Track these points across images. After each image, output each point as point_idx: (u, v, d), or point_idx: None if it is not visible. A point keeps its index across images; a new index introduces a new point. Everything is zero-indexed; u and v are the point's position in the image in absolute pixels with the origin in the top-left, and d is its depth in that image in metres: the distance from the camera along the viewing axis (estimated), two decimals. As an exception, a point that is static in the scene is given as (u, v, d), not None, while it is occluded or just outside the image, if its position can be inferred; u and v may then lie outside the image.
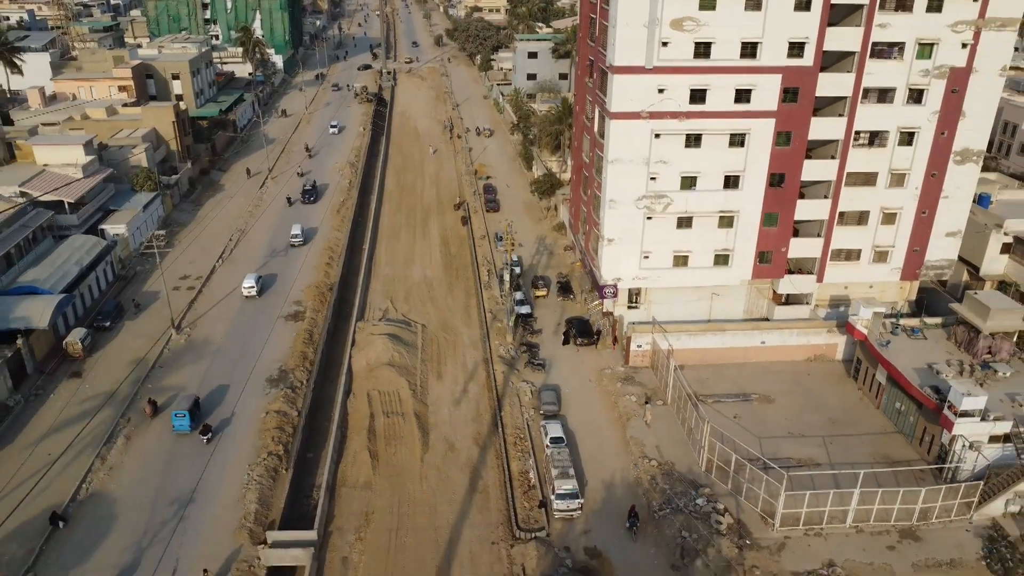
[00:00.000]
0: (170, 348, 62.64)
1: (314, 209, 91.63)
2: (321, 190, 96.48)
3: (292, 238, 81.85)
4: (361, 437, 52.49)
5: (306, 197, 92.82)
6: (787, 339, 60.57)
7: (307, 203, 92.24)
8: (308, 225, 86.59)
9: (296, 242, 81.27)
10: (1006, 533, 45.40)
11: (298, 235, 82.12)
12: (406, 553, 43.75)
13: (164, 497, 46.75)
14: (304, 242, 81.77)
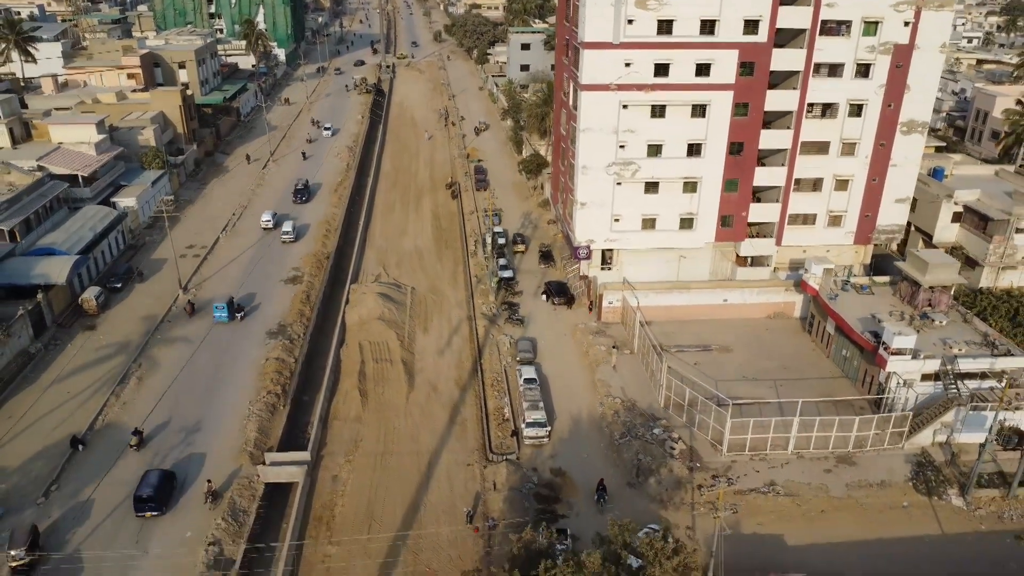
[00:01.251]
0: (177, 305, 67.72)
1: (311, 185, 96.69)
2: (314, 189, 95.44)
3: (283, 235, 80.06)
4: (352, 379, 57.53)
5: (298, 197, 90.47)
6: (748, 298, 65.48)
7: (299, 203, 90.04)
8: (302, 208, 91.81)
9: (287, 239, 79.70)
10: (933, 459, 50.17)
11: (289, 232, 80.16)
12: (390, 472, 48.75)
13: (173, 427, 51.70)
14: (296, 239, 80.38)
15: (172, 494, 45.15)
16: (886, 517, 46.44)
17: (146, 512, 43.37)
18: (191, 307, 65.95)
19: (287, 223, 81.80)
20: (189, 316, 65.25)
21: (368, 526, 44.52)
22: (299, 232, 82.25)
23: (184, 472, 47.61)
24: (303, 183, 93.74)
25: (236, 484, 46.70)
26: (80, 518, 43.72)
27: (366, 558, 42.30)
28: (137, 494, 43.69)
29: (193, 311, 65.55)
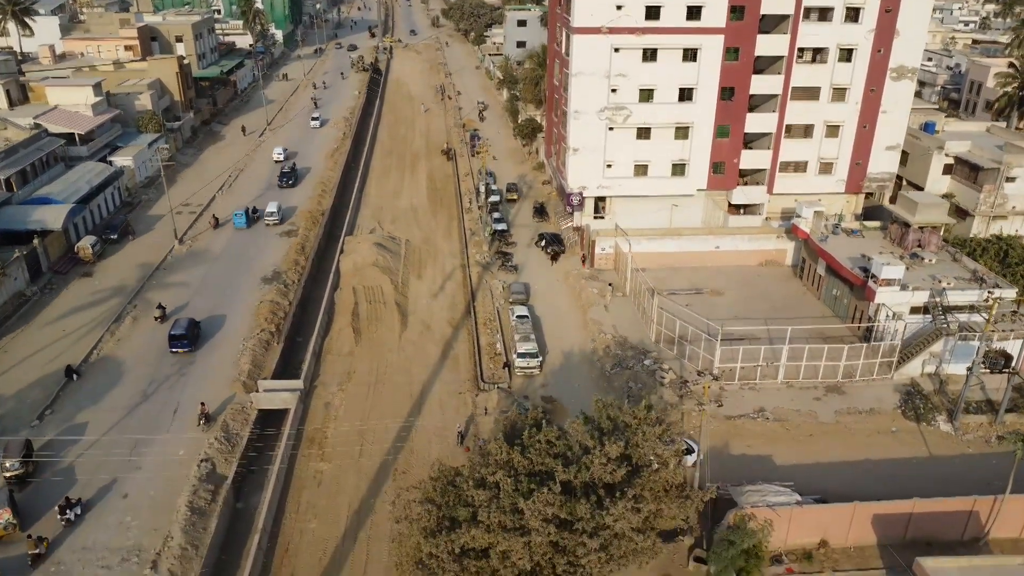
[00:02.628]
0: (173, 255, 68.14)
1: (306, 158, 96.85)
2: (302, 173, 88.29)
3: (267, 215, 74.23)
4: (346, 318, 57.93)
5: (283, 180, 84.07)
6: (739, 245, 65.83)
7: (284, 187, 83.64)
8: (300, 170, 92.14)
9: (271, 220, 73.88)
10: (922, 389, 50.59)
11: (273, 212, 74.29)
12: (382, 400, 49.16)
13: (167, 360, 52.14)
14: (280, 221, 74.46)
15: (199, 337, 54.01)
16: (874, 441, 46.77)
17: (179, 348, 52.13)
18: (215, 220, 74.24)
19: (271, 204, 75.49)
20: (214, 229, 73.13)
21: (360, 447, 44.90)
22: (284, 215, 75.82)
23: (177, 400, 48.08)
24: (290, 166, 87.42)
25: (229, 409, 47.10)
26: (73, 437, 44.10)
27: (357, 473, 42.72)
28: (172, 333, 52.58)
29: (217, 224, 72.46)
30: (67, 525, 37.79)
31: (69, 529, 37.67)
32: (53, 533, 37.24)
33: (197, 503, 39.39)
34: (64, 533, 37.35)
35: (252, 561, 35.77)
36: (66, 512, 37.85)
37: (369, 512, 40.00)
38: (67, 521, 37.83)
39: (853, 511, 37.58)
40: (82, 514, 38.44)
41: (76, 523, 37.95)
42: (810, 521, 37.46)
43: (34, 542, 35.83)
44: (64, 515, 37.78)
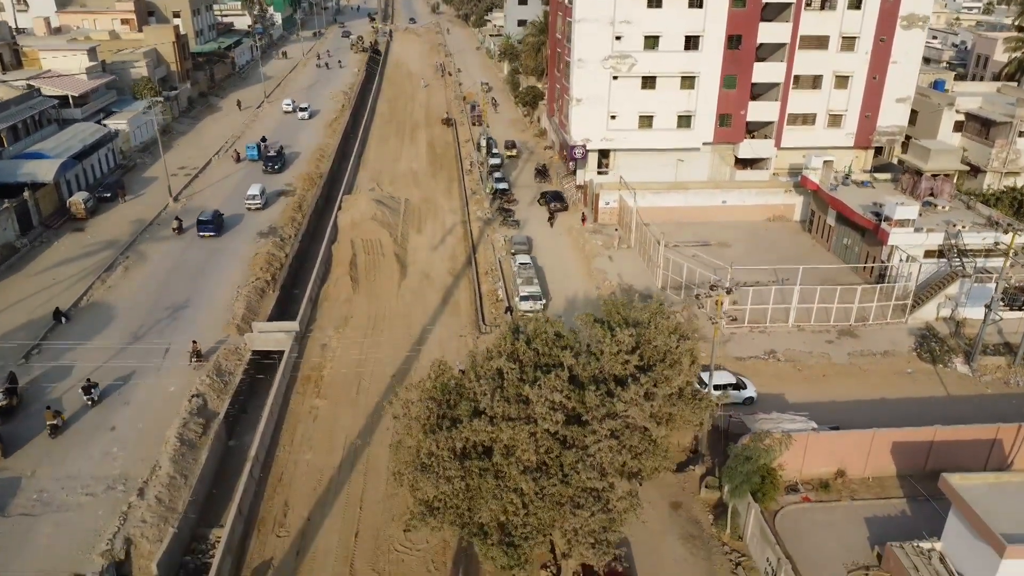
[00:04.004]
0: (167, 212, 66.64)
1: (306, 125, 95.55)
2: (290, 159, 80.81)
3: (248, 199, 66.59)
4: (343, 267, 56.47)
5: (269, 164, 76.53)
6: (747, 199, 64.29)
7: (270, 171, 76.17)
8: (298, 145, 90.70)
9: (253, 205, 66.46)
10: (937, 332, 49.01)
11: (256, 196, 66.80)
12: (381, 342, 47.61)
13: (159, 305, 50.64)
14: (264, 206, 67.14)
15: (223, 224, 61.84)
16: (890, 381, 45.16)
17: (206, 233, 60.09)
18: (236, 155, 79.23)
19: (254, 187, 68.08)
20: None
21: (357, 384, 43.35)
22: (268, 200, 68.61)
23: (168, 341, 46.54)
24: (276, 149, 79.48)
25: (222, 350, 45.52)
26: (60, 377, 42.58)
27: (354, 409, 41.19)
28: (200, 219, 60.98)
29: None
30: (91, 404, 39.77)
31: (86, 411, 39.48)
32: (74, 411, 39.35)
33: (187, 435, 37.79)
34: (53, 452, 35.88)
35: (244, 489, 34.23)
36: (90, 392, 39.88)
37: (366, 445, 38.44)
38: (91, 400, 39.84)
39: (872, 438, 35.97)
40: (100, 399, 40.27)
41: (97, 404, 39.97)
42: (827, 449, 35.82)
43: (52, 413, 37.60)
44: (88, 394, 39.82)
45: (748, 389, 41.28)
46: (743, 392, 40.96)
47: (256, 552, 31.92)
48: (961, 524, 29.52)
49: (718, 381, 40.83)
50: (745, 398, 40.77)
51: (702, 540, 32.64)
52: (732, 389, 40.73)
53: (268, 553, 31.87)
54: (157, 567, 30.70)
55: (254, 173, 76.50)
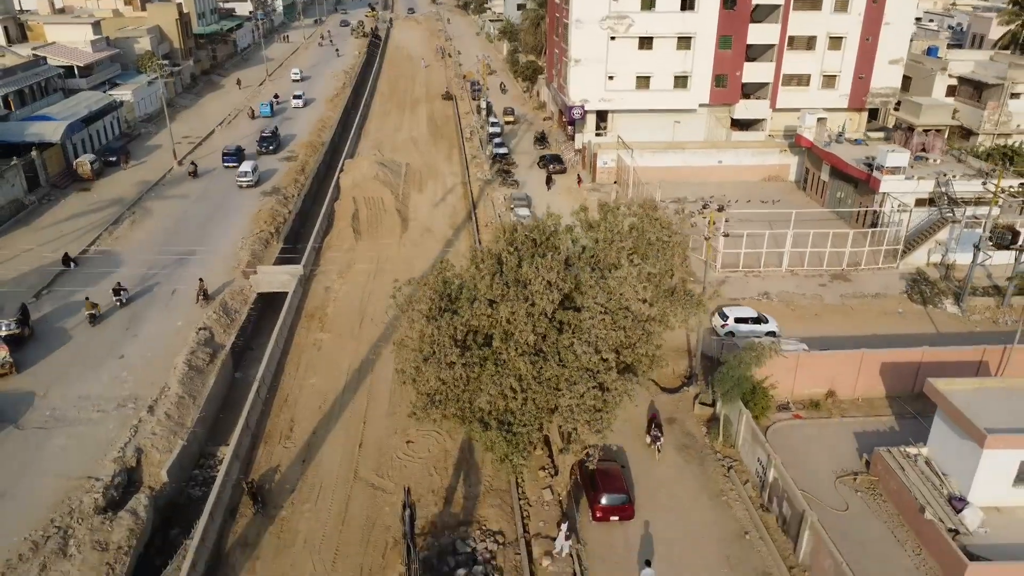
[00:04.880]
0: (172, 174, 67.73)
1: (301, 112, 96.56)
2: (285, 140, 78.44)
3: (239, 176, 64.53)
4: (346, 221, 57.50)
5: (263, 145, 73.99)
6: (743, 159, 65.32)
7: (265, 152, 73.74)
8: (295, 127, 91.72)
9: (244, 182, 64.16)
10: (928, 276, 50.00)
11: (247, 173, 64.52)
12: (383, 285, 48.34)
13: (165, 253, 51.60)
14: (256, 183, 64.90)
15: (244, 158, 69.28)
16: (881, 320, 46.07)
17: (231, 163, 68.04)
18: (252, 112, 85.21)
19: (246, 163, 65.87)
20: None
21: (360, 320, 44.39)
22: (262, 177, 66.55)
23: (175, 284, 47.58)
24: (271, 130, 77.37)
25: (228, 291, 46.58)
26: (70, 313, 43.61)
27: (357, 341, 42.20)
28: (224, 151, 70.28)
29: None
30: (120, 305, 44.21)
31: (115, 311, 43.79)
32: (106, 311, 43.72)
33: (195, 362, 38.81)
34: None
35: (251, 406, 35.25)
36: (119, 293, 44.30)
37: (369, 371, 39.49)
38: (120, 302, 44.22)
39: (861, 358, 36.99)
40: (127, 302, 44.76)
41: (125, 305, 44.46)
42: (817, 368, 36.83)
43: (91, 304, 42.57)
44: (117, 295, 44.24)
45: (770, 324, 42.09)
46: (765, 326, 41.77)
47: (263, 460, 32.94)
48: (945, 426, 30.54)
49: (740, 315, 41.91)
50: (767, 332, 41.56)
51: (696, 449, 33.63)
52: (754, 323, 41.70)
53: (275, 461, 32.88)
54: (167, 474, 31.78)
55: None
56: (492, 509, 29.82)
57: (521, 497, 30.26)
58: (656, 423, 33.31)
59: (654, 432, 32.58)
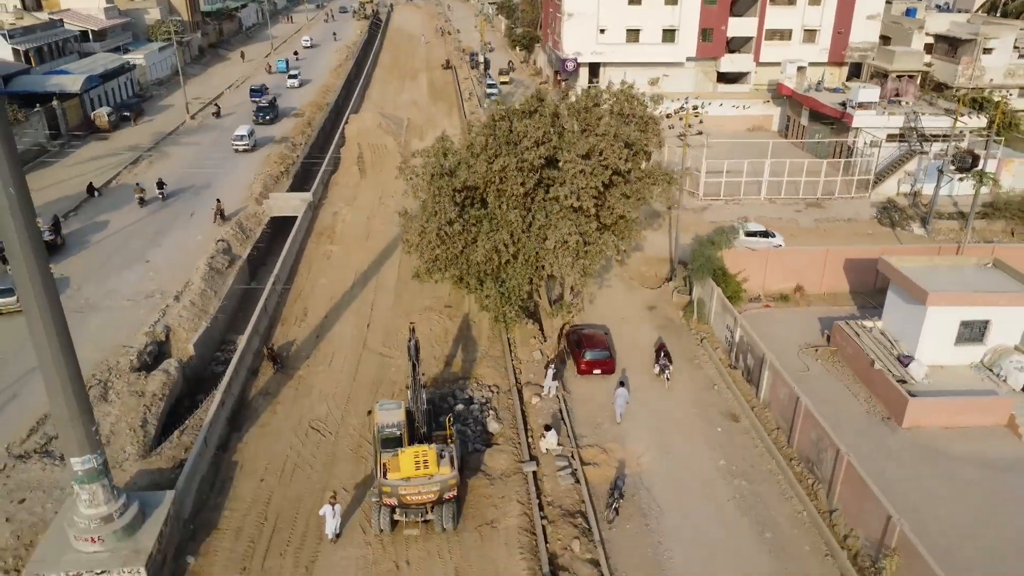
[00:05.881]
0: (185, 126, 71.15)
1: (310, 69, 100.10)
2: (284, 112, 76.92)
3: (235, 140, 63.72)
4: (351, 161, 60.84)
5: (260, 115, 72.39)
6: (728, 111, 68.69)
7: (261, 123, 72.02)
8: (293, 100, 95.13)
9: (240, 146, 63.42)
10: (898, 204, 53.38)
11: (243, 137, 63.67)
12: (388, 211, 51.83)
13: (183, 186, 54.94)
14: (252, 148, 63.99)
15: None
16: (852, 240, 49.13)
17: (257, 98, 75.85)
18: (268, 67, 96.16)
19: (242, 127, 65.37)
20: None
21: (367, 235, 47.75)
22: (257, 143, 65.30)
23: (193, 207, 51.00)
24: (268, 100, 75.80)
25: (242, 213, 49.97)
26: (96, 230, 46.98)
27: (365, 252, 45.53)
28: (252, 88, 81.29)
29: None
30: (162, 199, 51.82)
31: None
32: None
33: (215, 265, 42.17)
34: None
35: (267, 296, 38.61)
36: (162, 187, 51.93)
37: (375, 273, 42.83)
38: (162, 195, 51.89)
39: (826, 255, 40.40)
40: (167, 197, 52.22)
41: (167, 199, 51.96)
42: (786, 264, 40.18)
43: (139, 188, 51.17)
44: (161, 189, 51.84)
45: (776, 238, 45.04)
46: (772, 240, 44.75)
47: (280, 336, 36.30)
48: (896, 296, 33.93)
49: (751, 229, 45.11)
50: (775, 246, 44.50)
51: (674, 327, 37.00)
52: (762, 236, 44.82)
53: (291, 337, 36.23)
54: (193, 348, 35.11)
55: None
56: (488, 369, 33.17)
57: (514, 359, 33.61)
58: (664, 352, 32.70)
59: (662, 361, 32.17)
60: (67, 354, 20.60)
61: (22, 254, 18.83)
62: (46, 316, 19.88)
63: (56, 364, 20.36)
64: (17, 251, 18.79)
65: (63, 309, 20.64)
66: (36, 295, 19.47)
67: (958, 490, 26.29)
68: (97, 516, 21.57)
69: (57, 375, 20.41)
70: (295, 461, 27.61)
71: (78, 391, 21.02)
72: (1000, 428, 29.66)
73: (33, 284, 19.37)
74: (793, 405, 27.86)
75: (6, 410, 30.02)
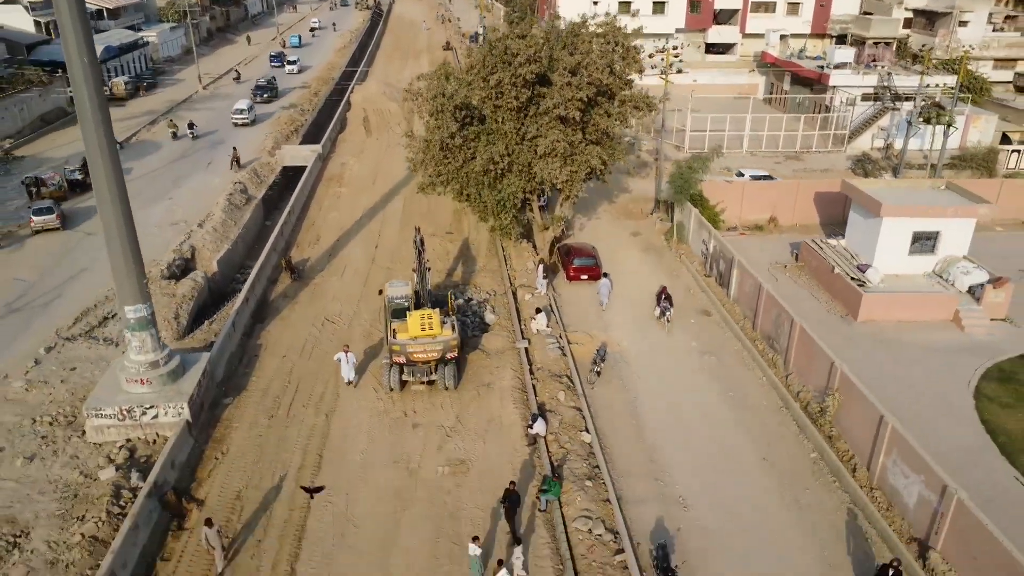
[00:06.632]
0: (198, 95, 74.64)
1: (315, 50, 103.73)
2: (283, 92, 76.89)
3: (234, 113, 64.19)
4: (357, 123, 64.34)
5: (258, 93, 72.41)
6: (716, 79, 72.16)
7: (260, 100, 71.83)
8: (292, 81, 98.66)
9: (240, 119, 63.72)
10: (872, 157, 56.80)
11: (243, 111, 64.20)
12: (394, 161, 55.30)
13: (199, 143, 58.39)
14: (252, 122, 64.29)
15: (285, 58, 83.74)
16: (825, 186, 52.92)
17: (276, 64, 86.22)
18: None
19: (242, 101, 66.15)
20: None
21: (373, 180, 51.17)
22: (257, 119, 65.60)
23: (210, 156, 54.46)
24: (267, 80, 76.05)
25: (257, 162, 53.39)
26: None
27: (372, 194, 48.93)
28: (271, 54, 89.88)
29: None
30: (193, 138, 58.66)
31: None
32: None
33: (234, 200, 45.59)
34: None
35: (283, 223, 42.02)
36: (192, 127, 58.98)
37: (382, 208, 46.22)
38: (193, 135, 58.62)
39: (797, 187, 43.81)
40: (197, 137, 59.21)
41: (197, 138, 58.84)
42: (760, 197, 43.55)
43: (172, 124, 59.31)
44: (191, 128, 58.94)
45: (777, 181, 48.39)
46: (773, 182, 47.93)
47: (296, 255, 39.62)
48: (857, 215, 37.26)
49: (754, 173, 48.40)
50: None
51: (656, 250, 40.39)
52: (764, 179, 48.05)
53: (306, 255, 39.61)
54: (216, 264, 38.48)
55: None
56: (486, 278, 36.58)
57: (509, 269, 37.01)
58: (666, 295, 32.55)
59: (663, 304, 32.19)
60: (125, 217, 24.05)
61: (92, 119, 22.26)
62: (111, 181, 23.34)
63: (117, 225, 23.83)
64: (88, 116, 22.25)
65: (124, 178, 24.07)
66: (103, 159, 22.95)
67: (903, 367, 29.58)
68: (145, 362, 24.93)
69: (117, 234, 23.85)
70: (313, 343, 30.98)
71: (133, 250, 24.47)
72: (946, 322, 33.01)
73: (100, 150, 22.82)
74: (757, 294, 31.22)
75: (52, 305, 33.46)
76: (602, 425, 25.86)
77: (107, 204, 23.66)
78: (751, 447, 24.94)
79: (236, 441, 25.01)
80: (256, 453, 24.42)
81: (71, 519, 21.42)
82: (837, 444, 24.49)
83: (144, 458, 23.98)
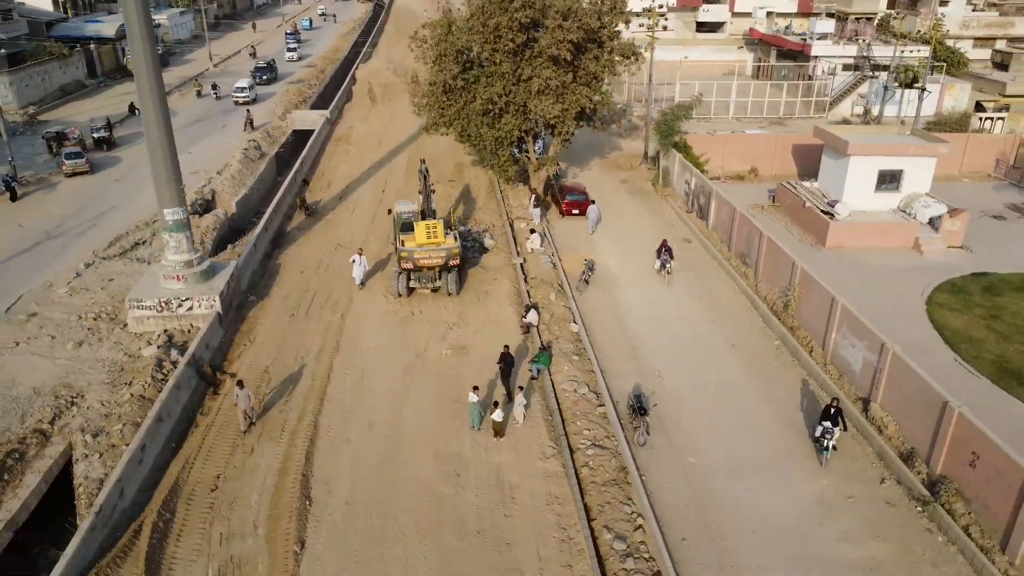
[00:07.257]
0: (209, 72, 77.76)
1: (319, 33, 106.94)
2: (283, 76, 77.17)
3: (235, 91, 64.53)
4: (363, 94, 67.41)
5: (258, 75, 72.61)
6: (706, 55, 75.30)
7: (260, 82, 71.42)
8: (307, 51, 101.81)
9: (241, 98, 63.92)
10: (851, 122, 59.82)
11: (244, 88, 64.60)
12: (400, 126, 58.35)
13: (212, 111, 61.55)
14: (254, 101, 64.69)
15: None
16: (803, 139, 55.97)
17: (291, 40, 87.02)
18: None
19: (242, 80, 66.91)
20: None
21: (379, 140, 54.25)
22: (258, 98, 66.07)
23: (224, 121, 57.54)
24: (266, 62, 76.72)
25: (269, 125, 56.50)
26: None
27: (378, 151, 51.97)
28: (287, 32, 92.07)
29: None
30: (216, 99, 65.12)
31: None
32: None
33: (249, 155, 48.68)
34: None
35: (297, 169, 45.09)
36: (215, 88, 65.63)
37: (388, 161, 49.27)
38: (216, 96, 65.52)
39: (776, 140, 46.86)
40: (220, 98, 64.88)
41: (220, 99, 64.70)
42: (742, 148, 46.64)
43: (197, 83, 67.44)
44: (215, 89, 65.68)
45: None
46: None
47: (309, 198, 42.64)
48: (828, 158, 40.27)
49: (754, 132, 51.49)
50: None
51: (643, 194, 43.44)
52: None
53: (318, 198, 42.65)
54: (235, 205, 41.51)
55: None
56: (485, 215, 39.62)
57: (507, 207, 40.03)
58: (666, 248, 32.35)
59: (664, 256, 32.06)
60: (167, 133, 27.16)
61: (139, 38, 25.31)
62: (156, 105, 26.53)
63: (159, 139, 26.98)
64: (136, 34, 25.30)
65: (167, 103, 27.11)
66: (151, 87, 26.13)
67: (865, 282, 32.52)
68: (181, 261, 27.95)
69: (158, 141, 26.92)
70: (328, 263, 34.02)
71: (172, 160, 27.53)
72: (908, 249, 36.02)
73: (146, 66, 25.88)
74: (732, 219, 34.24)
75: (88, 234, 36.51)
76: (589, 321, 28.87)
77: (152, 124, 26.82)
78: (721, 336, 27.95)
79: (261, 333, 28.03)
80: (280, 341, 27.43)
81: (120, 385, 24.41)
82: (798, 333, 27.49)
83: (181, 343, 26.97)
